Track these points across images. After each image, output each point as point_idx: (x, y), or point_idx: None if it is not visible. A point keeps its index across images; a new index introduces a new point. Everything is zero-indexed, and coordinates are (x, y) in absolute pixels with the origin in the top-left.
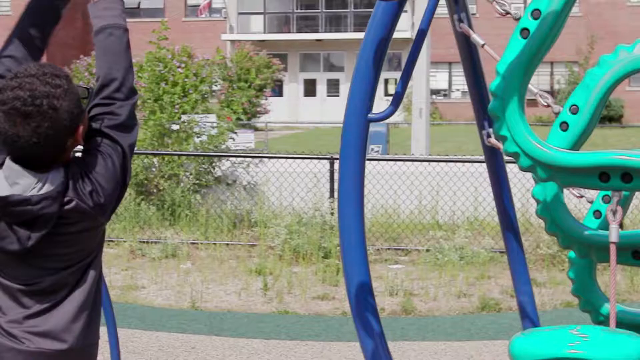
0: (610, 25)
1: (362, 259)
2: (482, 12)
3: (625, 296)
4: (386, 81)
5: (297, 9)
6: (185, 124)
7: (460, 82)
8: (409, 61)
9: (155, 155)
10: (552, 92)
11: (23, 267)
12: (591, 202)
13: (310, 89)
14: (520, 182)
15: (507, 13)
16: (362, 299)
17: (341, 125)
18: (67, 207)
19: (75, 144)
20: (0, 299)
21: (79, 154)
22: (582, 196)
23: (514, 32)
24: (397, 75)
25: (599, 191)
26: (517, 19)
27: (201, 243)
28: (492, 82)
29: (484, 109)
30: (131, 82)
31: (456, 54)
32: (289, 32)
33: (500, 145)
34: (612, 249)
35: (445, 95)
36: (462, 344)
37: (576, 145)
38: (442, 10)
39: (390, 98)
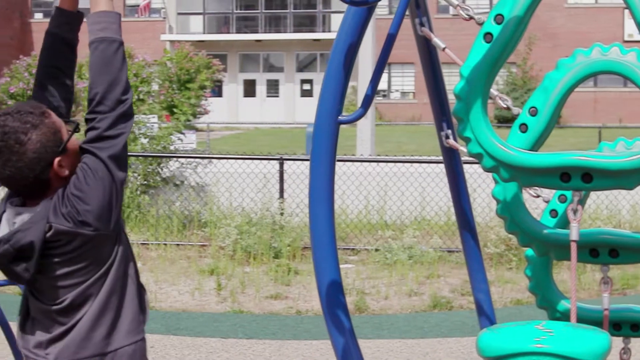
0: (548, 26)
1: (332, 258)
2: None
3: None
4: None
5: (236, 10)
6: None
7: (398, 82)
8: (379, 65)
9: None
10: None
11: (50, 288)
12: (547, 202)
13: (249, 89)
14: (467, 182)
15: (471, 18)
16: (333, 296)
17: (281, 125)
18: (49, 233)
19: (61, 177)
20: (38, 320)
21: None
22: (538, 196)
23: (477, 36)
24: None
25: (555, 191)
26: (481, 24)
27: (151, 244)
28: (456, 85)
29: (443, 111)
30: (117, 93)
31: (395, 55)
32: (229, 32)
33: (458, 146)
34: (573, 247)
35: (384, 95)
36: (416, 341)
37: (535, 146)
38: (382, 11)
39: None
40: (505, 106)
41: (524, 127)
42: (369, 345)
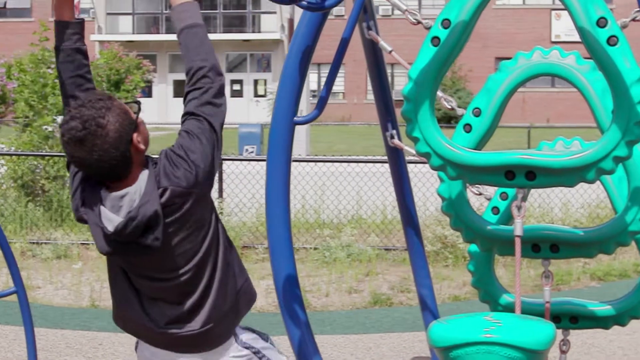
0: (477, 27)
1: (288, 254)
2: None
3: (510, 290)
4: (255, 82)
5: (166, 10)
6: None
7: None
8: (333, 68)
9: (39, 156)
10: None
11: (171, 261)
12: (489, 199)
13: (179, 89)
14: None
15: (419, 22)
16: (289, 290)
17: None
18: (164, 197)
19: (140, 151)
20: (162, 299)
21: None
22: (481, 193)
23: (425, 40)
24: (266, 76)
25: (497, 188)
26: (428, 28)
27: (91, 244)
28: (405, 86)
29: (388, 111)
30: (217, 67)
31: (324, 55)
32: (158, 32)
33: (403, 145)
34: (517, 242)
35: (314, 96)
36: (359, 336)
37: (479, 145)
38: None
39: (260, 99)
40: (450, 107)
41: (468, 128)
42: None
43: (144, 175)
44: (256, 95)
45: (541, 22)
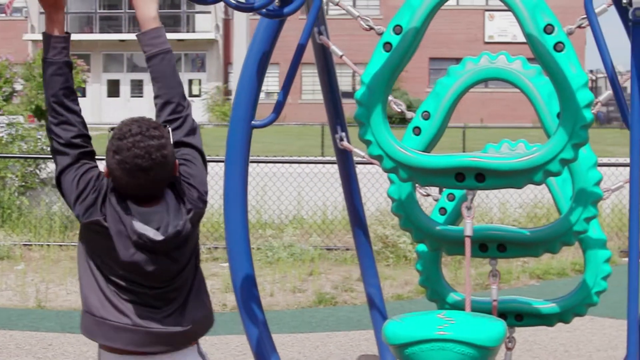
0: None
1: (246, 254)
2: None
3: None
4: (190, 82)
5: (100, 9)
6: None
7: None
8: (290, 73)
9: None
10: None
11: (167, 271)
12: (437, 200)
13: (113, 89)
14: (338, 182)
15: (371, 28)
16: (247, 290)
17: None
18: (189, 215)
19: (176, 174)
20: (149, 304)
21: None
22: (428, 194)
23: (377, 45)
24: (200, 75)
25: (444, 189)
26: (380, 34)
27: (34, 244)
28: (357, 91)
29: (337, 114)
30: (184, 94)
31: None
32: (92, 32)
33: (352, 147)
34: (467, 242)
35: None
36: (306, 335)
37: (428, 148)
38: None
39: (195, 99)
40: (399, 110)
41: (417, 130)
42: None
43: (169, 194)
44: (191, 95)
45: (475, 23)
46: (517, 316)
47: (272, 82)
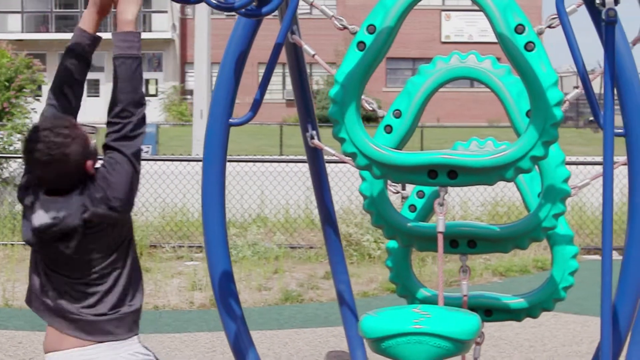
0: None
1: (224, 251)
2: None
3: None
4: (147, 81)
5: (55, 9)
6: None
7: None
8: (267, 72)
9: None
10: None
11: (82, 263)
12: (406, 197)
13: (93, 89)
14: (301, 181)
15: (345, 27)
16: (225, 286)
17: (103, 125)
18: (85, 215)
19: (87, 173)
20: (67, 292)
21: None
22: (398, 192)
23: (351, 44)
24: (157, 75)
25: (414, 186)
26: (354, 33)
27: None
28: (331, 89)
29: (308, 113)
30: (137, 102)
31: (220, 55)
32: (48, 31)
33: (322, 145)
34: (440, 238)
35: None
36: (274, 332)
37: (400, 145)
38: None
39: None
40: (371, 109)
41: (388, 129)
42: None
43: (76, 192)
44: (147, 94)
45: (432, 23)
46: (487, 311)
47: None
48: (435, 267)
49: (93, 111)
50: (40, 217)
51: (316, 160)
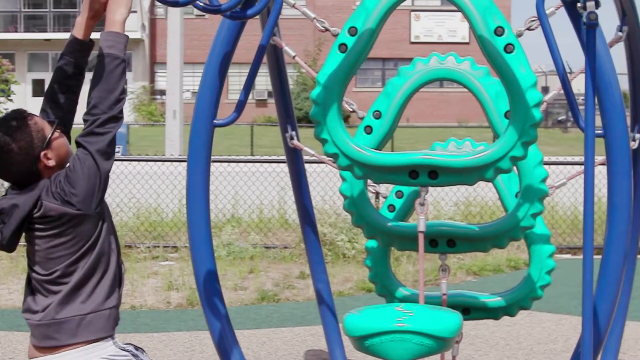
0: (338, 27)
1: (209, 250)
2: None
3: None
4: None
5: (24, 8)
6: None
7: (189, 82)
8: (251, 73)
9: None
10: None
11: (43, 260)
12: (385, 198)
13: (38, 89)
14: (284, 181)
15: (327, 30)
16: (210, 285)
17: (75, 125)
18: (38, 210)
19: (49, 167)
20: (36, 289)
21: None
22: (377, 192)
23: (332, 46)
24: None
25: (393, 187)
26: (336, 35)
27: None
28: (313, 90)
29: (288, 113)
30: (110, 100)
31: (186, 55)
32: (16, 31)
33: (302, 146)
34: (420, 238)
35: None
36: (252, 331)
37: (380, 146)
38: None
39: None
40: (351, 110)
41: (368, 129)
42: (209, 337)
43: (35, 186)
44: None
45: (401, 23)
46: (465, 310)
47: (197, 81)
48: (410, 266)
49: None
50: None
51: (295, 161)
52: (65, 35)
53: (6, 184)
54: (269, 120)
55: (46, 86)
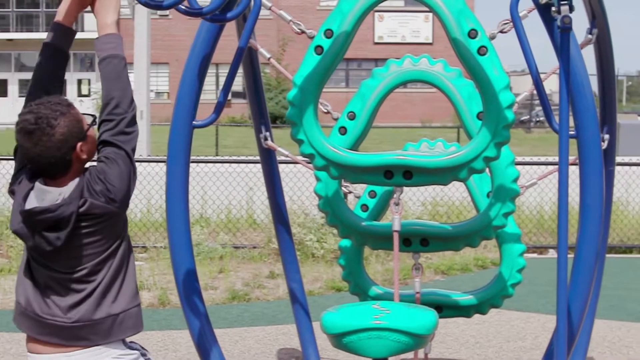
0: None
1: (188, 250)
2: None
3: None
4: (79, 82)
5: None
6: None
7: (152, 82)
8: (230, 73)
9: None
10: (244, 94)
11: (70, 258)
12: (358, 197)
13: (1, 89)
14: (252, 181)
15: (303, 32)
16: (189, 283)
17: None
18: (83, 207)
19: (81, 160)
20: (51, 288)
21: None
22: (350, 192)
23: (308, 48)
24: (89, 75)
25: (366, 187)
26: (312, 38)
27: None
28: (289, 92)
29: (262, 114)
30: (129, 99)
31: (157, 55)
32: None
33: (276, 147)
34: (395, 237)
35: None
36: (224, 330)
37: (354, 147)
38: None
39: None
40: (325, 111)
41: (343, 130)
42: (182, 336)
43: (74, 182)
44: (80, 95)
45: (365, 24)
46: (437, 308)
47: (162, 82)
48: (379, 266)
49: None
50: (33, 202)
51: (269, 161)
52: (29, 36)
53: (7, 177)
54: (233, 121)
55: (10, 86)
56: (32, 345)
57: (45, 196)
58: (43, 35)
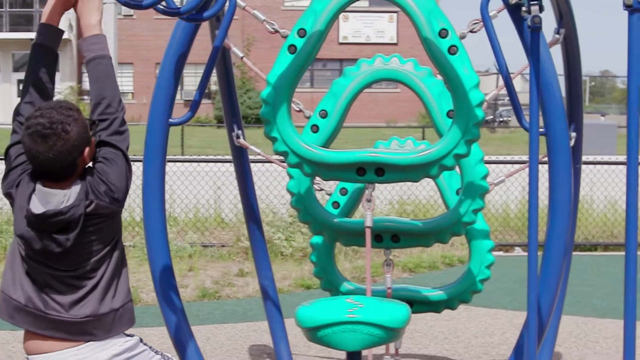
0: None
1: (164, 246)
2: (139, 14)
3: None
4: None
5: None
6: None
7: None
8: (205, 74)
9: None
10: (209, 93)
11: (71, 256)
12: (330, 194)
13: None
14: (220, 180)
15: (276, 31)
16: (165, 280)
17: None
18: (90, 208)
19: (84, 163)
20: (50, 286)
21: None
22: (321, 189)
23: (282, 48)
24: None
25: (337, 184)
26: (285, 37)
27: None
28: (263, 90)
29: (234, 113)
30: (118, 97)
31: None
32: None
33: (248, 145)
34: (368, 233)
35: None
36: (196, 328)
37: (326, 144)
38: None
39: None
40: (298, 109)
41: (315, 128)
42: (154, 333)
43: (77, 184)
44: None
45: None
46: (408, 303)
47: (126, 82)
48: (347, 263)
49: None
50: (38, 205)
51: (241, 160)
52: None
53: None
54: (198, 121)
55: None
56: (34, 343)
57: (50, 199)
58: (7, 36)
